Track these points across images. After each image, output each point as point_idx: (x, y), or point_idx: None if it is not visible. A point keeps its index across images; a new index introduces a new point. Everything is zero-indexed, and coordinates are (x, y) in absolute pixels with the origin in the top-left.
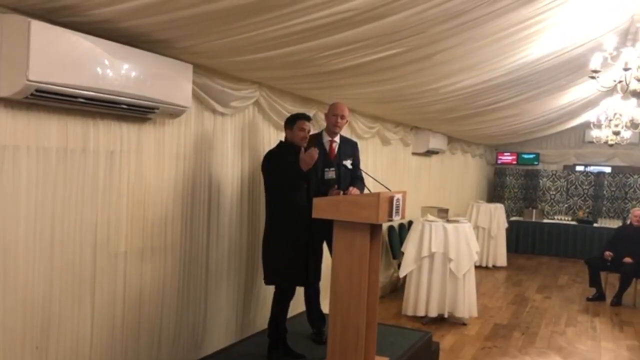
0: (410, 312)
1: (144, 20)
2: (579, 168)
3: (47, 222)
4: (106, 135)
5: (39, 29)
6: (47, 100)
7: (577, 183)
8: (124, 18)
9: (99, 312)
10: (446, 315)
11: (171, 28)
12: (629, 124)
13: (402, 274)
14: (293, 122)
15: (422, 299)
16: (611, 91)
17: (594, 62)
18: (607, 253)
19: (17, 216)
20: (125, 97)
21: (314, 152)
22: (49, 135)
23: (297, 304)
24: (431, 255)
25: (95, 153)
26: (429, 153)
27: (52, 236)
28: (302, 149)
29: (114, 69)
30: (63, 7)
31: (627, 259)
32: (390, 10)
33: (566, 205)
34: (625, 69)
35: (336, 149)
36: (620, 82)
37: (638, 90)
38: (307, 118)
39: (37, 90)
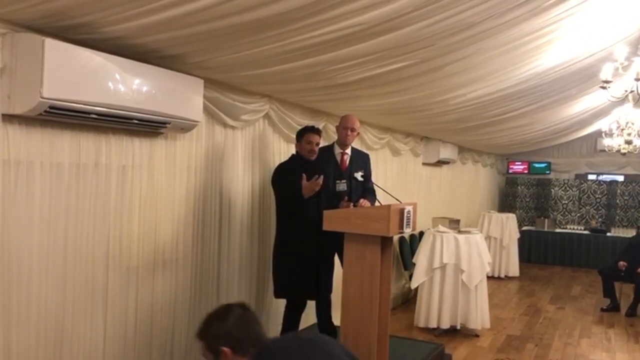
0: (422, 324)
1: (156, 36)
2: (591, 177)
3: (60, 236)
4: (118, 150)
5: (52, 46)
6: (60, 117)
7: (589, 192)
8: (136, 35)
9: (111, 326)
10: (458, 327)
11: (182, 44)
12: None
13: (413, 286)
14: (301, 135)
15: (434, 311)
16: (623, 100)
17: (605, 72)
18: (621, 263)
19: (31, 231)
20: (137, 112)
21: (315, 185)
22: (61, 150)
23: (309, 317)
24: (443, 267)
25: (107, 168)
26: (440, 163)
27: (64, 251)
28: (305, 177)
29: (126, 84)
30: (76, 25)
31: None
32: (400, 23)
33: (579, 215)
34: (637, 79)
35: (347, 161)
36: (631, 92)
37: None
38: (315, 131)
39: (50, 107)
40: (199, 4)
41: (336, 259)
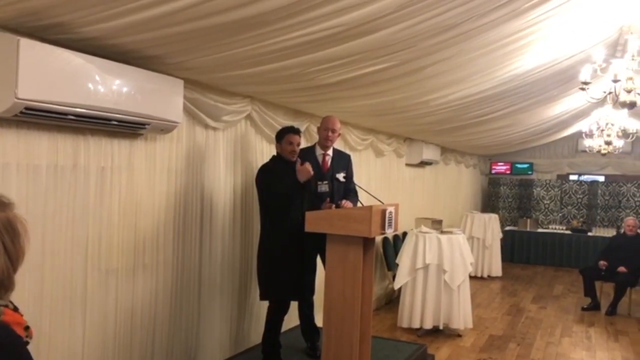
0: (405, 324)
1: (135, 37)
2: (573, 177)
3: (38, 239)
4: (97, 152)
5: (28, 46)
6: (37, 118)
7: (571, 192)
8: (115, 35)
9: (90, 330)
10: (441, 327)
11: (162, 44)
12: (620, 133)
13: (396, 286)
14: (282, 136)
15: (417, 311)
16: (602, 101)
17: (584, 74)
18: (602, 262)
19: None
20: (116, 113)
21: (309, 167)
22: (39, 152)
23: (291, 318)
24: (426, 267)
25: (85, 169)
26: (423, 164)
27: (42, 253)
28: (298, 160)
29: (105, 85)
30: (53, 24)
31: (622, 268)
32: (380, 25)
33: (560, 215)
34: (615, 81)
35: (329, 162)
36: (610, 93)
37: (627, 102)
38: (295, 131)
39: (26, 108)
40: (178, 4)
41: (318, 260)
